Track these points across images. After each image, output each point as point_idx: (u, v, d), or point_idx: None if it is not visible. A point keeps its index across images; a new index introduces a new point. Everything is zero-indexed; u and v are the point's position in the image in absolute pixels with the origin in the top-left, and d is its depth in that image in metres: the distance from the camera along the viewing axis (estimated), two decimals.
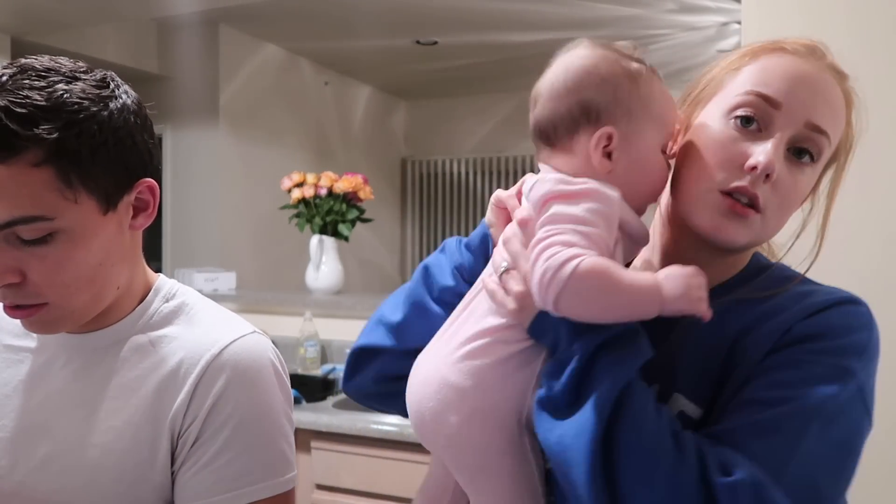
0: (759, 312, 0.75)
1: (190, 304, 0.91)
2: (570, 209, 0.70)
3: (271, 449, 0.85)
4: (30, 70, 0.75)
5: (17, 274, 0.75)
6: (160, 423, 0.83)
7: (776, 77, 0.75)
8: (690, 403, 0.73)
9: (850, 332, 0.72)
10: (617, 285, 0.67)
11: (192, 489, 0.82)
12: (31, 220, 0.73)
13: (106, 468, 0.82)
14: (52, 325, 0.81)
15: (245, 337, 0.87)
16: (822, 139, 0.75)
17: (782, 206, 0.76)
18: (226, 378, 0.83)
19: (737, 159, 0.73)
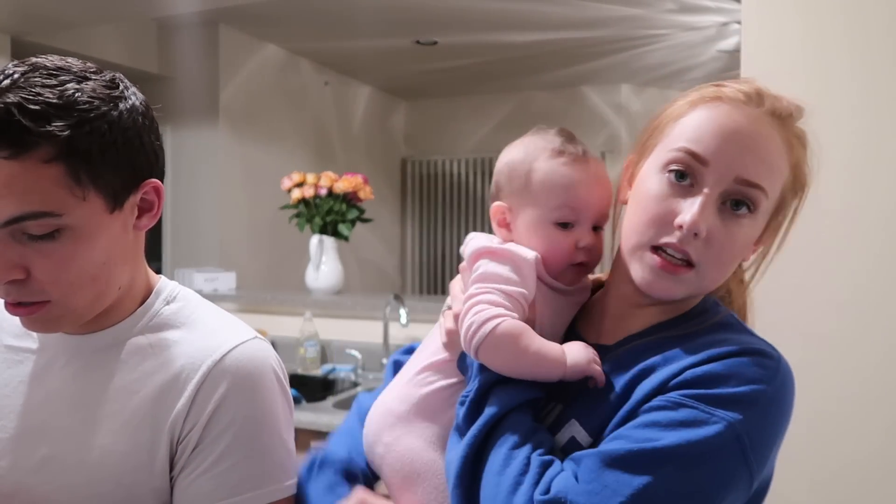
0: (667, 354, 0.75)
1: (191, 307, 0.91)
2: (497, 269, 0.82)
3: (272, 456, 0.85)
4: (41, 68, 0.75)
5: (21, 270, 0.76)
6: (160, 428, 0.82)
7: (706, 133, 0.75)
8: (583, 431, 0.76)
9: (739, 382, 0.70)
10: (524, 351, 0.77)
11: (191, 495, 0.82)
12: (40, 216, 0.74)
13: (105, 470, 0.82)
14: (53, 324, 0.81)
15: (246, 343, 0.87)
16: (755, 192, 0.75)
17: (719, 260, 0.76)
18: (227, 384, 0.83)
19: (667, 216, 0.75)
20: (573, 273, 0.87)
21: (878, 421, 1.62)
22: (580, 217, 0.85)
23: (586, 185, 0.85)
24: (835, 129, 1.66)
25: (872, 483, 1.62)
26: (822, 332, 1.66)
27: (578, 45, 4.54)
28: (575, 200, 0.85)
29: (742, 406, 0.69)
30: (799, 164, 0.79)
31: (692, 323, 0.79)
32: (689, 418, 0.68)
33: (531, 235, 0.86)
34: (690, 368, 0.72)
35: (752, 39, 1.74)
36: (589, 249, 0.85)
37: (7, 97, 0.71)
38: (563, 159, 0.85)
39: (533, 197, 0.86)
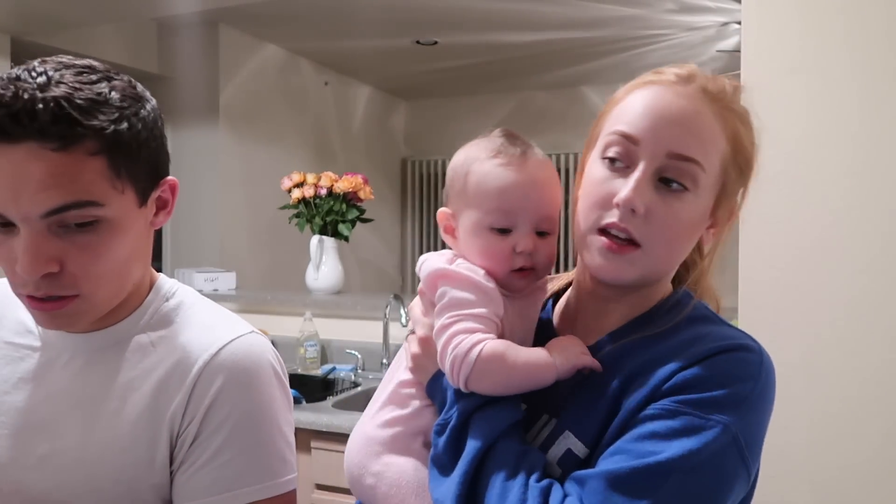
0: (652, 356, 0.76)
1: (188, 303, 0.91)
2: (461, 294, 0.81)
3: (270, 450, 0.85)
4: (70, 66, 0.77)
5: (57, 263, 0.76)
6: (159, 423, 0.83)
7: (635, 114, 0.77)
8: (578, 442, 0.75)
9: (729, 382, 0.71)
10: (514, 365, 0.77)
11: (190, 489, 0.82)
12: (85, 205, 0.75)
13: (105, 467, 0.82)
14: (76, 319, 0.81)
15: (243, 337, 0.87)
16: (690, 166, 0.75)
17: (665, 237, 0.76)
18: (223, 378, 0.83)
19: (607, 196, 0.76)
20: (517, 279, 0.84)
21: (879, 422, 1.62)
22: (516, 221, 0.83)
23: (521, 189, 0.83)
24: (835, 128, 1.66)
25: (872, 484, 1.62)
26: (824, 333, 1.66)
27: (578, 45, 4.54)
28: (508, 204, 0.83)
29: (733, 406, 0.70)
30: (738, 138, 0.79)
31: (668, 317, 0.79)
32: (687, 426, 0.69)
33: (470, 240, 0.85)
34: (679, 372, 0.72)
35: (752, 39, 1.74)
36: (529, 255, 0.83)
37: (52, 91, 0.73)
38: (498, 161, 0.84)
39: (470, 201, 0.85)
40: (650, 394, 0.72)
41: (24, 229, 0.75)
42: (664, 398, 0.71)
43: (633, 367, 0.76)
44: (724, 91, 0.79)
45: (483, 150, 0.85)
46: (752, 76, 1.73)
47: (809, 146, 1.68)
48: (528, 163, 0.84)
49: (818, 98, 1.67)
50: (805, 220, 1.68)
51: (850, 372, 1.64)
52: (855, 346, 1.64)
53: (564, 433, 0.77)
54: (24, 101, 0.71)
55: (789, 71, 1.69)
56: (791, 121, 1.69)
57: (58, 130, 0.72)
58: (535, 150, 0.86)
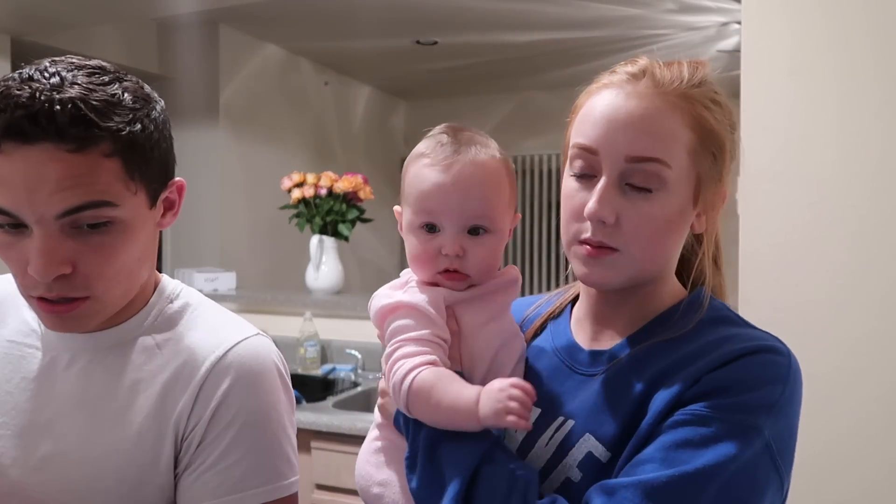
0: (677, 358, 0.74)
1: (193, 305, 0.91)
2: (401, 322, 0.81)
3: (275, 452, 0.85)
4: (81, 67, 0.77)
5: (69, 265, 0.76)
6: (164, 424, 0.83)
7: (589, 124, 0.77)
8: (600, 445, 0.74)
9: (759, 385, 0.70)
10: (437, 405, 0.74)
11: (196, 491, 0.82)
12: (100, 206, 0.75)
13: (109, 469, 0.82)
14: (87, 321, 0.81)
15: (249, 339, 0.88)
16: (652, 165, 0.74)
17: (640, 240, 0.75)
18: (230, 380, 0.83)
19: (580, 210, 0.77)
20: (445, 280, 0.83)
21: (882, 421, 1.62)
22: (441, 221, 0.82)
23: (442, 190, 0.81)
24: (835, 128, 1.66)
25: (873, 483, 1.62)
26: (824, 333, 1.66)
27: (578, 45, 4.53)
28: (430, 204, 0.82)
29: (765, 410, 0.69)
30: (702, 123, 0.76)
31: (687, 319, 0.78)
32: (720, 433, 0.67)
33: (406, 238, 0.86)
34: (707, 374, 0.71)
35: (752, 39, 1.74)
36: (457, 257, 0.82)
37: (67, 92, 0.73)
38: (425, 163, 0.83)
39: (406, 201, 0.86)
40: (678, 396, 0.71)
41: (38, 230, 0.74)
42: (694, 402, 0.70)
43: (658, 370, 0.74)
44: (679, 78, 0.76)
45: (421, 148, 0.86)
46: (752, 76, 1.73)
47: (809, 146, 1.68)
48: (455, 164, 0.82)
49: (818, 98, 1.67)
50: (805, 219, 1.68)
51: (850, 372, 1.64)
52: (855, 347, 1.64)
53: (585, 435, 0.75)
54: (41, 102, 0.71)
55: (789, 71, 1.69)
56: (791, 121, 1.69)
57: (75, 132, 0.72)
58: (473, 148, 0.83)
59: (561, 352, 0.85)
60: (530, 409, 0.71)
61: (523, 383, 0.72)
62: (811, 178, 1.67)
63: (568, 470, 0.74)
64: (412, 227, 0.84)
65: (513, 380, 0.73)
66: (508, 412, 0.70)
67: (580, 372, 0.81)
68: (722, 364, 0.71)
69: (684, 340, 0.76)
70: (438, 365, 0.78)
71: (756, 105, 1.73)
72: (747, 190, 1.74)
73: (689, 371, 0.72)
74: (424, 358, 0.78)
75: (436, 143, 0.84)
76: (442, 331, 0.81)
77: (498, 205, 0.84)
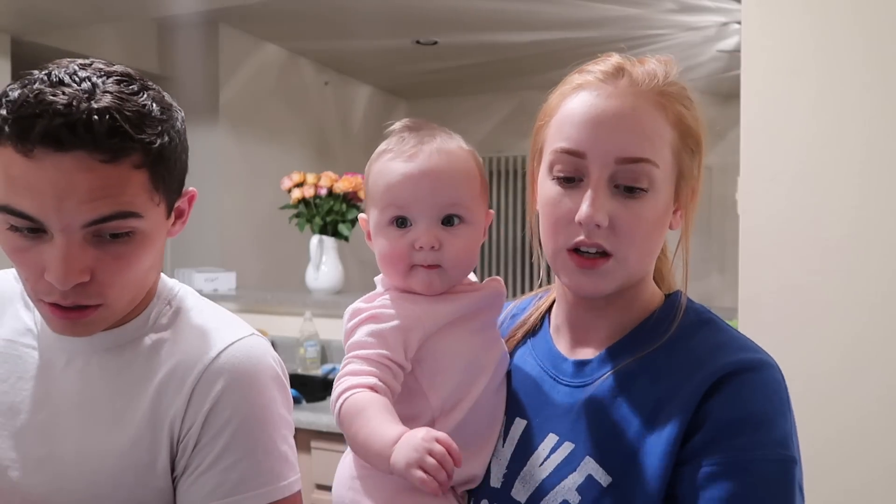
0: (672, 370, 0.73)
1: (188, 305, 0.91)
2: (358, 336, 0.78)
3: (272, 452, 0.84)
4: (108, 74, 0.76)
5: (88, 273, 0.76)
6: (160, 428, 0.82)
7: (574, 127, 0.75)
8: (600, 469, 0.73)
9: (777, 412, 0.70)
10: (356, 434, 0.71)
11: (194, 495, 0.81)
12: (127, 216, 0.75)
13: (105, 472, 0.82)
14: (95, 328, 0.81)
15: (243, 339, 0.86)
16: (642, 166, 0.73)
17: (632, 242, 0.74)
18: (223, 382, 0.82)
19: (568, 216, 0.74)
20: (424, 276, 0.80)
21: (882, 423, 1.62)
22: (412, 214, 0.79)
23: (412, 180, 0.78)
24: (835, 128, 1.66)
25: (873, 483, 1.62)
26: (824, 333, 1.66)
27: (578, 45, 4.53)
28: (398, 196, 0.79)
29: (791, 437, 0.70)
30: (682, 120, 0.76)
31: (668, 324, 0.77)
32: (765, 478, 0.67)
33: (376, 240, 0.83)
34: (713, 401, 0.70)
35: (752, 39, 1.74)
36: (432, 249, 0.79)
37: (101, 101, 0.72)
38: (388, 157, 0.81)
39: (371, 202, 0.83)
40: (686, 422, 0.70)
41: (61, 238, 0.74)
42: (720, 443, 0.68)
43: (657, 396, 0.73)
44: (655, 76, 0.76)
45: (382, 146, 0.83)
46: (752, 76, 1.73)
47: (809, 146, 1.68)
48: (421, 153, 0.80)
49: (818, 98, 1.67)
50: (805, 219, 1.68)
51: (849, 371, 1.64)
52: (855, 346, 1.64)
53: (586, 459, 0.74)
54: (80, 111, 0.71)
55: (789, 71, 1.69)
56: (791, 121, 1.69)
57: (111, 143, 0.72)
58: (437, 138, 0.81)
59: (543, 361, 0.83)
60: (449, 472, 0.65)
61: (450, 442, 0.66)
62: (811, 178, 1.67)
63: (567, 493, 0.73)
64: (381, 225, 0.81)
65: (440, 434, 0.67)
66: (420, 466, 0.64)
67: (565, 383, 0.79)
68: (721, 381, 0.70)
69: (673, 349, 0.75)
70: (377, 390, 0.74)
71: (756, 105, 1.73)
72: (747, 190, 1.74)
73: (689, 389, 0.71)
74: (362, 380, 0.74)
75: (396, 138, 0.82)
76: (394, 352, 0.77)
77: (471, 192, 0.81)
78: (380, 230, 0.82)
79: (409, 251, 0.79)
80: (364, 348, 0.77)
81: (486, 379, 0.81)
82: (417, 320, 0.79)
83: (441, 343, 0.80)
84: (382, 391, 0.74)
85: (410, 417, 0.77)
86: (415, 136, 0.82)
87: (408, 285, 0.81)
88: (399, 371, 0.77)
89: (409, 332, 0.78)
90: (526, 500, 0.75)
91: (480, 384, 0.80)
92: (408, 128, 0.83)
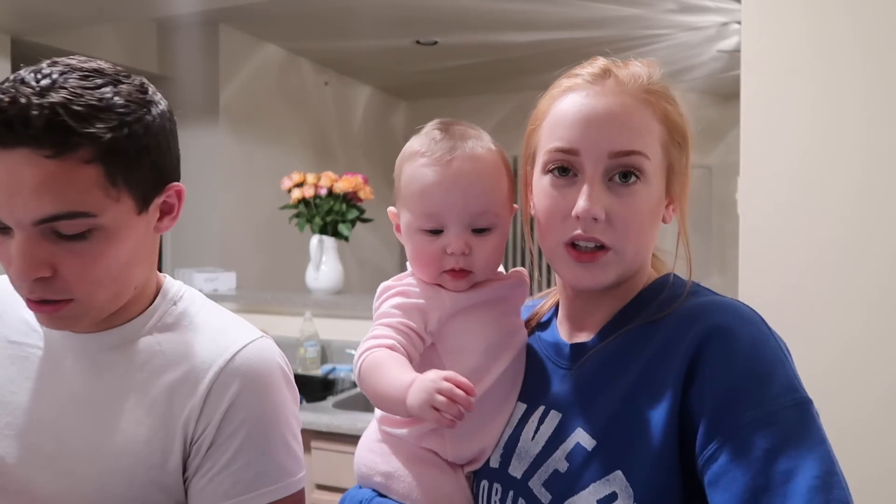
0: (660, 343, 0.74)
1: (197, 307, 0.92)
2: (384, 306, 0.83)
3: (284, 450, 0.87)
4: (77, 70, 0.76)
5: (49, 268, 0.76)
6: (172, 427, 0.83)
7: (566, 126, 0.78)
8: (586, 435, 0.75)
9: (771, 358, 0.70)
10: (377, 383, 0.76)
11: (209, 493, 0.83)
12: (76, 216, 0.75)
13: (116, 470, 0.82)
14: (74, 321, 0.82)
15: (254, 342, 0.88)
16: (635, 158, 0.76)
17: (628, 234, 0.77)
18: (239, 383, 0.84)
19: (565, 210, 0.77)
20: (449, 280, 0.83)
21: (882, 419, 1.62)
22: (444, 222, 0.81)
23: (444, 189, 0.80)
24: (835, 128, 1.66)
25: (873, 483, 1.63)
26: (824, 332, 1.66)
27: (578, 45, 4.54)
28: (432, 206, 0.81)
29: (785, 382, 0.69)
30: (669, 117, 0.79)
31: (664, 305, 0.78)
32: (793, 422, 0.68)
33: (406, 241, 0.85)
34: (720, 369, 0.69)
35: (752, 39, 1.74)
36: (462, 255, 0.81)
37: (50, 97, 0.72)
38: (422, 162, 0.82)
39: (404, 202, 0.84)
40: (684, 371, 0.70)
41: (18, 234, 0.75)
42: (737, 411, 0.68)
43: (643, 365, 0.74)
44: (640, 76, 0.79)
45: (415, 146, 0.84)
46: (752, 76, 1.73)
47: (809, 146, 1.68)
48: (454, 160, 0.81)
49: (818, 98, 1.67)
50: (805, 219, 1.68)
51: (849, 370, 1.64)
52: (855, 345, 1.64)
53: (576, 430, 0.76)
54: (19, 106, 0.71)
55: (789, 71, 1.69)
56: (791, 120, 1.69)
57: (51, 138, 0.72)
58: (468, 142, 0.83)
59: (546, 348, 0.87)
60: (463, 405, 0.68)
61: (459, 378, 0.70)
62: (811, 178, 1.67)
63: (557, 462, 0.75)
64: (412, 228, 0.83)
65: (447, 373, 0.70)
66: (433, 405, 0.68)
67: (563, 366, 0.83)
68: (705, 346, 0.70)
69: (662, 321, 0.77)
70: (395, 349, 0.78)
71: (756, 105, 1.73)
72: (747, 190, 1.74)
73: (676, 355, 0.72)
74: (383, 340, 0.78)
75: (429, 140, 0.83)
76: (418, 320, 0.81)
77: (500, 199, 0.83)
78: (411, 233, 0.84)
79: (440, 255, 0.82)
80: (388, 317, 0.81)
81: (505, 362, 0.84)
82: (440, 300, 0.82)
83: (464, 324, 0.83)
84: (400, 351, 0.78)
85: None
86: (447, 138, 0.83)
87: (437, 283, 0.84)
88: (418, 340, 0.81)
89: (431, 310, 0.82)
90: (522, 475, 0.78)
91: (500, 366, 0.83)
92: (439, 128, 0.84)
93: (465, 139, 0.83)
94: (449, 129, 0.84)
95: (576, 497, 0.72)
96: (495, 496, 0.80)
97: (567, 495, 0.73)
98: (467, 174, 0.81)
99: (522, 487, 0.77)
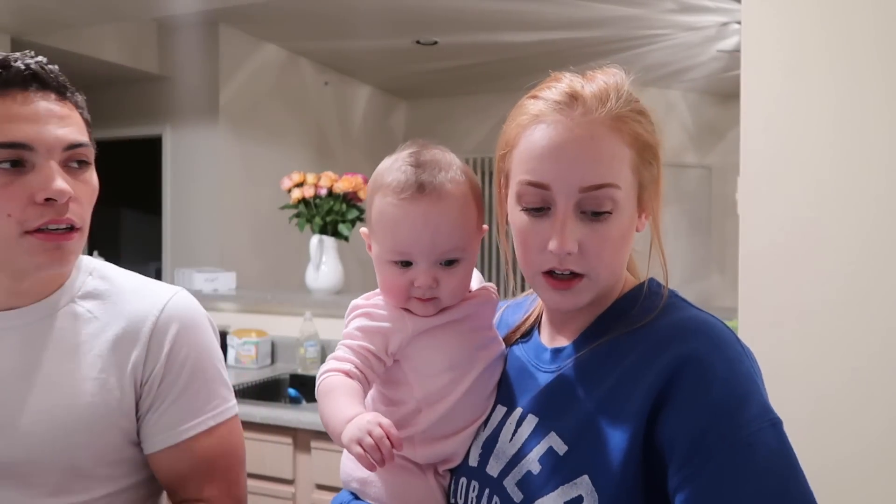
0: (635, 354, 0.76)
1: (112, 274, 1.02)
2: (348, 327, 0.86)
3: (220, 380, 1.02)
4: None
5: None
6: (120, 375, 0.94)
7: (536, 160, 0.77)
8: (559, 440, 0.77)
9: (745, 379, 0.72)
10: (323, 410, 0.79)
11: (165, 424, 0.96)
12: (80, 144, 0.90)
13: (76, 425, 0.91)
14: (69, 253, 0.92)
15: (179, 293, 1.02)
16: (605, 191, 0.76)
17: (602, 260, 0.78)
18: (176, 327, 0.98)
19: (540, 245, 0.78)
20: (418, 306, 0.84)
21: (879, 421, 1.62)
22: (412, 258, 0.82)
23: (414, 228, 0.81)
24: (835, 128, 1.66)
25: (867, 479, 1.63)
26: (824, 332, 1.67)
27: (578, 45, 4.54)
28: (401, 245, 0.82)
29: (762, 392, 0.72)
30: (638, 137, 0.79)
31: (637, 311, 0.80)
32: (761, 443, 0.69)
33: (377, 269, 0.86)
34: (694, 390, 0.71)
35: (752, 39, 1.74)
36: (430, 287, 0.82)
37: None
38: (390, 200, 0.82)
39: (373, 233, 0.86)
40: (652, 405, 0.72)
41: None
42: (715, 429, 0.69)
43: (620, 374, 0.76)
44: (607, 95, 0.78)
45: (386, 178, 0.84)
46: (752, 76, 1.73)
47: (809, 146, 1.68)
48: (424, 195, 0.81)
49: (818, 98, 1.67)
50: (805, 219, 1.68)
51: (849, 371, 1.64)
52: (855, 346, 1.64)
53: (550, 434, 0.78)
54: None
55: (789, 71, 1.69)
56: (791, 121, 1.69)
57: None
58: (438, 176, 0.82)
59: (528, 353, 0.89)
60: (385, 456, 0.71)
61: (392, 430, 0.72)
62: (811, 178, 1.67)
63: (530, 464, 0.78)
64: (382, 260, 0.84)
65: (384, 421, 0.73)
66: (360, 443, 0.72)
67: (543, 370, 0.85)
68: (681, 371, 0.72)
69: (637, 331, 0.79)
70: (351, 375, 0.80)
71: (756, 105, 1.73)
72: (747, 190, 1.74)
73: (651, 370, 0.73)
74: (341, 365, 0.81)
75: (400, 174, 0.83)
76: (376, 347, 0.83)
77: (468, 233, 0.84)
78: (381, 263, 0.85)
79: (408, 287, 0.83)
80: (351, 339, 0.84)
81: (473, 376, 0.85)
82: (403, 323, 0.84)
83: (429, 342, 0.85)
84: (356, 377, 0.81)
85: (396, 401, 0.85)
86: (417, 172, 0.82)
87: (405, 308, 0.85)
88: (377, 363, 0.83)
89: (393, 333, 0.84)
90: (498, 474, 0.81)
91: (468, 380, 0.85)
92: (410, 161, 0.84)
93: (435, 172, 0.83)
94: (420, 161, 0.84)
95: (545, 498, 0.75)
96: (472, 493, 0.83)
97: (537, 495, 0.75)
98: (436, 215, 0.81)
99: (497, 486, 0.80)
